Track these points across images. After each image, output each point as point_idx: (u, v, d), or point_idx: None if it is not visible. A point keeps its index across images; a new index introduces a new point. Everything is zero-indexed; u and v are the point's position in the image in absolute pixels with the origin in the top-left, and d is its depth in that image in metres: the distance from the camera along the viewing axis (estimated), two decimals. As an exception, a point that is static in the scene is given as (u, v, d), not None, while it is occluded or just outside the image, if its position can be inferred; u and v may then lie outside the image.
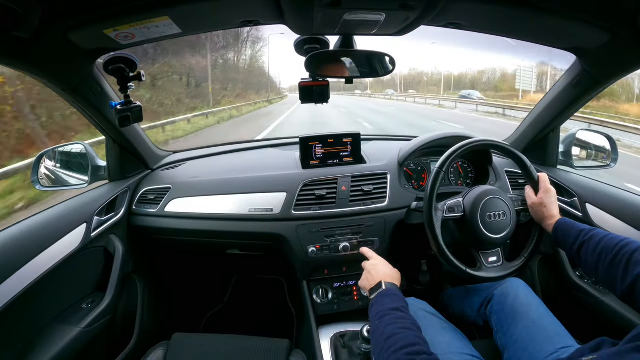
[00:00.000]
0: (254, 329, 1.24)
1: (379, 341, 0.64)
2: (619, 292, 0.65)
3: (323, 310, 1.17)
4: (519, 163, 0.95)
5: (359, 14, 0.71)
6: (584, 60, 0.96)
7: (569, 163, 1.27)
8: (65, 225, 0.94)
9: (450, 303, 1.15)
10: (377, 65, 0.90)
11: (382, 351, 0.62)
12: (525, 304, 0.91)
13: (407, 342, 0.60)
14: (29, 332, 0.86)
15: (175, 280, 1.57)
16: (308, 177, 1.17)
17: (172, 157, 1.42)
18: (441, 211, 0.91)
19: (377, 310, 0.70)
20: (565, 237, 0.80)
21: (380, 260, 0.88)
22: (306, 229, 1.12)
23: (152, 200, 1.20)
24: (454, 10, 0.76)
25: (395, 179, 1.19)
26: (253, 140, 1.75)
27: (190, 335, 0.98)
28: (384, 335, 0.64)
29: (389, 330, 0.64)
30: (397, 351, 0.59)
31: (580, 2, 0.70)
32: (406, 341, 0.60)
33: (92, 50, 0.84)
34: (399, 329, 0.63)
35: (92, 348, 0.96)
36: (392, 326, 0.65)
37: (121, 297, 1.13)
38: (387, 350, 0.60)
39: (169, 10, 0.70)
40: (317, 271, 1.19)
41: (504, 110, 14.85)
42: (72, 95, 0.92)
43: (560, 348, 0.79)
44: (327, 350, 1.04)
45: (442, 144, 1.18)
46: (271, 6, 0.72)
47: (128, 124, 0.96)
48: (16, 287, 0.77)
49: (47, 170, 1.14)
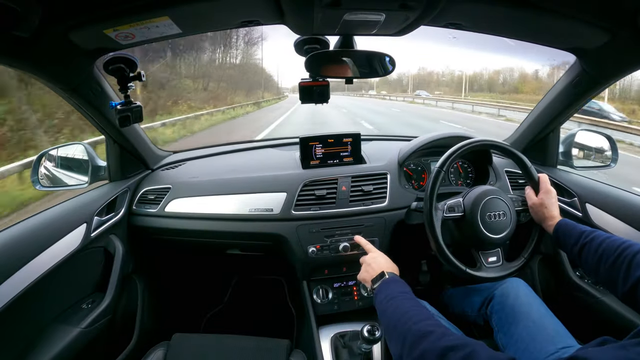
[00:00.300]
0: (254, 329, 1.24)
1: (393, 318, 0.63)
2: (620, 294, 0.66)
3: (323, 310, 1.17)
4: (519, 163, 0.95)
5: (359, 14, 0.71)
6: (584, 61, 0.97)
7: (569, 163, 1.27)
8: (65, 225, 0.94)
9: (450, 303, 1.15)
10: (377, 65, 0.90)
11: (396, 327, 0.61)
12: (525, 303, 0.91)
13: (425, 316, 0.61)
14: (29, 332, 0.86)
15: (176, 281, 1.57)
16: (308, 177, 1.17)
17: (172, 157, 1.42)
18: (441, 211, 0.91)
19: (385, 294, 0.71)
20: (566, 239, 0.80)
21: (379, 254, 0.89)
22: (306, 229, 1.12)
23: (152, 200, 1.20)
24: (454, 11, 0.76)
25: (395, 179, 1.19)
26: (253, 140, 1.75)
27: (190, 336, 0.98)
28: (398, 311, 0.63)
29: (403, 307, 0.64)
30: (415, 323, 0.59)
31: (580, 2, 0.70)
32: (423, 315, 0.61)
33: (92, 50, 0.84)
34: (414, 306, 0.64)
35: (92, 348, 0.96)
36: (406, 303, 0.65)
37: (121, 297, 1.13)
38: (406, 323, 0.60)
39: (169, 10, 0.70)
40: (317, 271, 1.19)
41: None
42: (72, 95, 0.92)
43: (561, 348, 0.79)
44: (327, 350, 1.04)
45: (442, 144, 1.17)
46: (271, 6, 0.72)
47: (128, 124, 0.96)
48: (16, 287, 0.77)
49: (47, 170, 1.14)
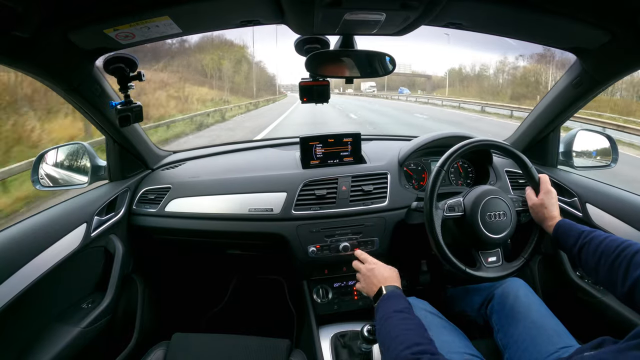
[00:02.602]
0: (254, 329, 1.24)
1: (384, 342, 0.66)
2: (620, 294, 0.65)
3: (323, 310, 1.17)
4: (519, 163, 0.95)
5: (359, 13, 0.71)
6: (584, 61, 0.97)
7: (569, 163, 1.27)
8: (65, 225, 0.94)
9: (450, 303, 1.15)
10: (377, 65, 0.91)
11: (388, 351, 0.64)
12: (525, 303, 0.91)
13: (412, 342, 0.61)
14: (29, 331, 0.86)
15: (176, 280, 1.57)
16: (308, 177, 1.17)
17: (172, 157, 1.42)
18: (441, 210, 0.91)
19: (382, 314, 0.73)
20: (565, 239, 0.80)
21: (376, 263, 0.89)
22: (306, 229, 1.12)
23: (152, 200, 1.20)
24: (455, 10, 0.76)
25: (396, 179, 1.19)
26: (253, 140, 1.75)
27: (190, 335, 0.98)
28: (389, 336, 0.66)
29: (393, 332, 0.66)
30: (402, 351, 0.60)
31: (580, 2, 0.70)
32: (411, 341, 0.62)
33: (92, 50, 0.84)
34: (403, 330, 0.65)
35: (92, 348, 0.96)
36: (396, 328, 0.66)
37: (121, 297, 1.12)
38: (393, 351, 0.62)
39: (170, 10, 0.70)
40: (317, 271, 1.19)
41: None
42: (72, 95, 0.92)
43: (561, 348, 0.79)
44: (327, 350, 1.04)
45: (443, 144, 1.17)
46: (272, 6, 0.72)
47: (128, 123, 0.96)
48: (16, 287, 0.76)
49: (47, 170, 1.14)
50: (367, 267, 0.88)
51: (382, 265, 0.87)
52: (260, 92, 29.33)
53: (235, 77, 25.13)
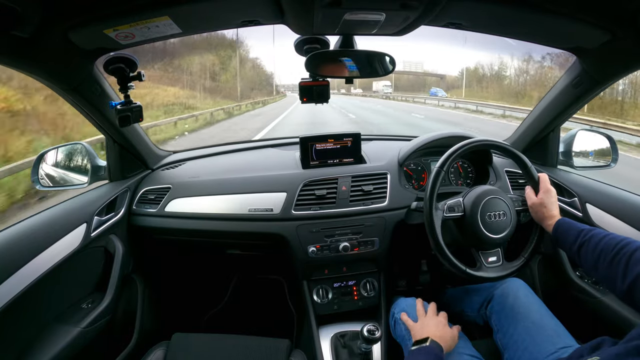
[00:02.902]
0: (254, 328, 1.24)
1: None
2: (619, 292, 0.65)
3: (323, 310, 1.17)
4: (519, 163, 0.95)
5: (359, 13, 0.71)
6: (584, 60, 0.97)
7: (569, 163, 1.27)
8: (65, 225, 0.94)
9: (450, 303, 1.15)
10: (377, 65, 0.91)
11: None
12: (525, 304, 0.91)
13: None
14: (29, 332, 0.86)
15: (175, 280, 1.57)
16: (308, 177, 1.17)
17: (172, 157, 1.42)
18: (441, 210, 0.91)
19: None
20: (565, 237, 0.80)
21: (431, 319, 0.90)
22: (306, 229, 1.12)
23: (152, 200, 1.20)
24: (455, 10, 0.76)
25: (395, 179, 1.19)
26: (253, 140, 1.75)
27: (190, 335, 0.98)
28: None
29: None
30: None
31: (580, 2, 0.70)
32: None
33: (92, 50, 0.84)
34: None
35: (92, 348, 0.96)
36: None
37: (121, 297, 1.12)
38: None
39: (169, 10, 0.70)
40: (317, 271, 1.19)
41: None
42: (72, 95, 0.92)
43: (561, 348, 0.79)
44: (327, 350, 1.04)
45: (442, 144, 1.17)
46: (271, 6, 0.72)
47: (128, 123, 0.96)
48: (16, 287, 0.76)
49: (47, 170, 1.14)
50: (423, 323, 0.89)
51: (436, 321, 0.89)
52: (254, 92, 26.46)
53: (223, 76, 22.43)
